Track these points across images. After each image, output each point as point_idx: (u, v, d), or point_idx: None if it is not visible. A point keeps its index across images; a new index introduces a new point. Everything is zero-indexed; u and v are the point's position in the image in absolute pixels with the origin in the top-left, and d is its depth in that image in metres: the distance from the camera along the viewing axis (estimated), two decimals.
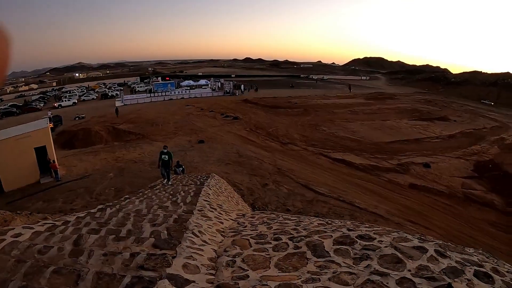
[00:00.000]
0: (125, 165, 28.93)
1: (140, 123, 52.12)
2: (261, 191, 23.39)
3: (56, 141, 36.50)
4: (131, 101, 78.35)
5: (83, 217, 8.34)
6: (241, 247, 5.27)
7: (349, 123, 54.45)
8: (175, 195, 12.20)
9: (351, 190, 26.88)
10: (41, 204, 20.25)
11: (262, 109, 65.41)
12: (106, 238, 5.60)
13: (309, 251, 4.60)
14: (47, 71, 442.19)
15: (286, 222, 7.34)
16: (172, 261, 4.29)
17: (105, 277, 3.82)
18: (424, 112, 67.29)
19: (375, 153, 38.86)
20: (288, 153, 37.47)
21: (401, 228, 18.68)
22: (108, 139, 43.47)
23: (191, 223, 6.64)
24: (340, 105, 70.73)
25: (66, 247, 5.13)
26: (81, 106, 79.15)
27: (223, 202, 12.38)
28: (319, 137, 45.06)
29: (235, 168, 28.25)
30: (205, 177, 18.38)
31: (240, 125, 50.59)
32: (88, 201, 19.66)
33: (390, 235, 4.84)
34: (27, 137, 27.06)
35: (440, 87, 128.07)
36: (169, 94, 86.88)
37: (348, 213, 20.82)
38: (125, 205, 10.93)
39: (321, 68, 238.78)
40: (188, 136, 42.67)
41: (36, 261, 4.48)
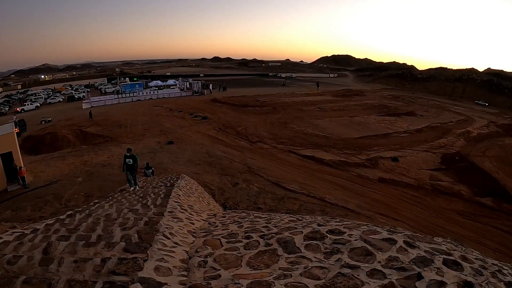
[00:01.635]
0: (94, 169, 28.57)
1: (108, 125, 51.49)
2: (232, 190, 23.45)
3: (22, 147, 35.88)
4: (98, 103, 77.28)
5: (52, 224, 8.23)
6: (212, 247, 5.29)
7: (317, 120, 54.96)
8: (145, 198, 12.14)
9: (322, 186, 27.14)
10: (9, 213, 19.84)
11: (231, 108, 65.48)
12: (76, 244, 5.54)
13: (280, 248, 4.65)
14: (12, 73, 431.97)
15: (257, 220, 7.38)
16: (143, 264, 4.29)
17: (76, 285, 3.82)
18: (391, 108, 68.50)
19: (344, 149, 39.36)
20: (257, 151, 37.60)
21: (372, 221, 19.00)
22: (76, 142, 42.87)
23: (162, 225, 6.62)
24: (308, 103, 71.31)
25: (35, 255, 5.06)
26: (47, 109, 77.57)
27: (194, 202, 12.37)
28: (288, 134, 45.34)
29: (205, 168, 28.24)
30: (175, 178, 18.30)
31: (209, 124, 50.53)
32: (57, 207, 19.37)
33: (359, 228, 4.94)
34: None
35: (407, 83, 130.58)
36: (137, 95, 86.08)
37: (319, 208, 21.05)
38: (94, 210, 10.82)
39: (290, 66, 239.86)
40: (157, 137, 42.41)
41: (6, 272, 4.43)
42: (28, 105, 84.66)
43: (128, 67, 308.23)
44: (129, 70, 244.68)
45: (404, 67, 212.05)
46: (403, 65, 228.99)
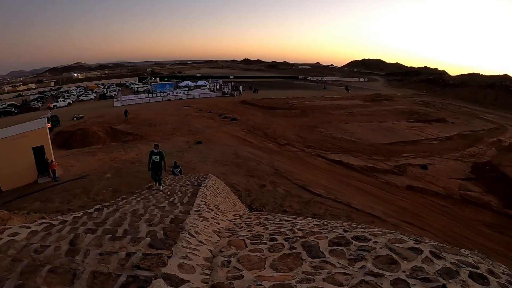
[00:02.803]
0: (122, 166, 28.90)
1: (138, 123, 52.10)
2: (258, 192, 23.37)
3: (54, 141, 36.60)
4: (129, 101, 78.35)
5: (80, 217, 8.36)
6: (236, 248, 5.29)
7: (346, 124, 54.50)
8: (172, 196, 12.18)
9: (348, 191, 26.87)
10: (38, 204, 20.23)
11: (260, 110, 65.45)
12: (102, 237, 5.61)
13: (304, 251, 4.62)
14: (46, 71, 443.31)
15: (282, 223, 7.34)
16: (167, 261, 4.30)
17: (100, 276, 3.85)
18: (421, 114, 67.37)
19: (372, 154, 38.91)
20: (285, 154, 37.47)
21: (397, 229, 18.69)
22: (106, 139, 43.49)
23: (188, 223, 6.66)
24: (337, 107, 70.83)
25: (62, 246, 5.14)
26: (79, 106, 79.29)
27: (220, 203, 12.38)
28: (317, 138, 45.07)
29: (233, 169, 28.24)
30: (203, 177, 18.30)
31: (238, 126, 50.58)
32: (85, 201, 19.64)
33: (385, 236, 4.86)
34: (25, 137, 27.04)
35: (438, 89, 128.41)
36: (167, 94, 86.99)
37: (344, 214, 20.81)
38: (122, 205, 10.93)
39: (320, 70, 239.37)
40: (185, 137, 42.69)
41: (33, 260, 4.51)
42: (60, 101, 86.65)
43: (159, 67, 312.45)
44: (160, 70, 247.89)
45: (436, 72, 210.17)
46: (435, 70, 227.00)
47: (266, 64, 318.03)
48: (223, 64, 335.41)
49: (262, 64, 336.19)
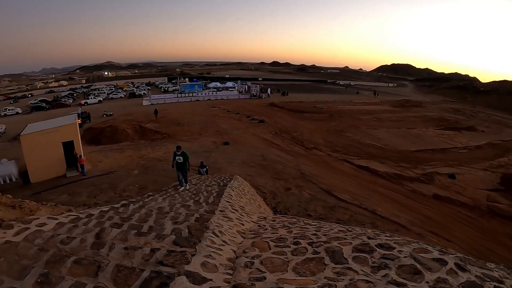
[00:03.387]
0: (150, 163, 29.20)
1: (166, 122, 52.61)
2: (283, 195, 23.35)
3: (83, 137, 37.19)
4: (158, 100, 79.20)
5: (106, 211, 8.50)
6: (260, 249, 5.27)
7: (374, 130, 53.89)
8: (197, 195, 12.27)
9: (373, 198, 26.60)
10: (66, 197, 20.65)
11: (288, 113, 65.32)
12: (128, 232, 5.68)
13: (327, 256, 4.57)
14: (77, 69, 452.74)
15: (306, 227, 7.31)
16: (191, 258, 4.31)
17: (124, 270, 3.87)
18: (451, 121, 66.08)
19: (399, 161, 38.41)
20: (312, 158, 37.31)
21: (422, 239, 18.42)
22: (134, 137, 44.02)
23: (212, 223, 6.68)
24: (365, 112, 70.14)
25: (88, 239, 5.22)
26: (109, 104, 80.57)
27: (245, 204, 12.39)
28: (344, 143, 44.75)
29: (259, 171, 28.27)
30: (229, 178, 18.37)
31: (265, 128, 50.58)
32: (111, 196, 19.94)
33: (410, 245, 4.79)
34: (56, 132, 27.71)
35: (468, 96, 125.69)
36: (196, 95, 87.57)
37: (369, 221, 20.63)
38: (148, 202, 11.06)
39: (348, 74, 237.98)
40: (213, 137, 42.90)
41: (58, 251, 4.57)
42: (91, 98, 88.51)
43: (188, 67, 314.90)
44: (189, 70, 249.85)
45: (466, 78, 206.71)
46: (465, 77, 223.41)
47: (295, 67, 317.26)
48: (251, 66, 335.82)
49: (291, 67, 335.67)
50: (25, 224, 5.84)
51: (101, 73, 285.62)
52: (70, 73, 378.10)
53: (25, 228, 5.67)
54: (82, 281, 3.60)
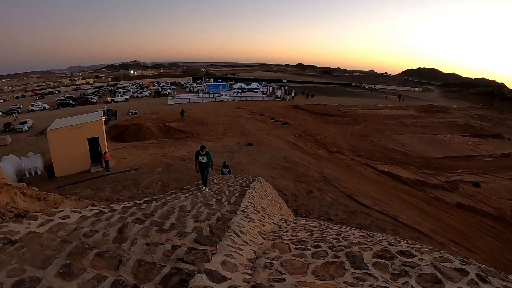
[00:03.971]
0: (173, 162, 29.43)
1: (190, 122, 53.03)
2: (305, 198, 23.29)
3: (108, 134, 37.69)
4: (183, 100, 79.86)
5: (129, 207, 8.59)
6: (280, 251, 5.26)
7: (398, 135, 53.27)
8: (220, 195, 12.29)
9: (396, 204, 26.34)
10: (89, 192, 20.97)
11: (312, 115, 65.14)
12: (150, 228, 5.73)
13: (347, 261, 4.54)
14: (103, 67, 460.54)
15: (327, 230, 7.28)
16: (211, 257, 4.32)
17: (145, 265, 3.90)
18: (477, 128, 64.83)
19: (423, 167, 37.93)
20: (335, 161, 37.12)
21: (444, 248, 18.19)
22: (158, 135, 44.53)
23: (234, 222, 6.70)
24: (390, 116, 69.40)
25: (110, 233, 5.28)
26: (134, 102, 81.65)
27: (266, 205, 12.37)
28: (367, 147, 44.40)
29: (281, 173, 28.25)
30: (251, 179, 18.37)
31: (289, 130, 50.51)
32: (134, 192, 20.15)
33: (431, 253, 4.73)
34: (81, 128, 28.28)
35: (495, 102, 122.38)
36: (221, 95, 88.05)
37: (390, 227, 20.43)
38: (170, 199, 11.14)
39: (373, 77, 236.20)
40: (237, 138, 43.04)
41: (81, 243, 4.62)
42: (118, 96, 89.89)
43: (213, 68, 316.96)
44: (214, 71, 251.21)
45: (493, 84, 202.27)
46: (492, 82, 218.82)
47: (320, 70, 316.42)
48: (276, 68, 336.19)
49: (316, 69, 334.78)
50: (49, 216, 5.94)
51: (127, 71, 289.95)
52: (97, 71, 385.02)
53: (49, 220, 5.77)
54: (103, 273, 3.63)
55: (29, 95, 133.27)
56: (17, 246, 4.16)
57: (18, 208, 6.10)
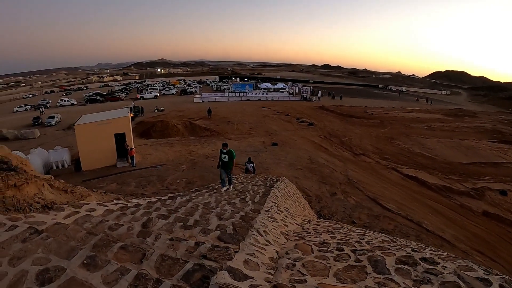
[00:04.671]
0: (198, 159, 29.59)
1: (216, 120, 53.32)
2: (329, 199, 23.15)
3: (135, 130, 38.13)
4: (209, 98, 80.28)
5: (154, 203, 8.70)
6: (303, 252, 5.24)
7: (425, 139, 52.39)
8: (244, 193, 12.31)
9: (420, 210, 25.95)
10: (114, 186, 21.24)
11: (337, 117, 64.70)
12: (174, 224, 5.80)
13: (370, 265, 4.51)
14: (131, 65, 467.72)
15: (350, 233, 7.26)
16: (234, 255, 4.34)
17: (168, 260, 3.93)
18: (505, 134, 63.06)
19: (449, 173, 37.31)
20: (360, 164, 36.82)
21: (467, 257, 17.88)
22: (184, 133, 44.77)
23: (257, 222, 6.72)
24: (417, 120, 68.35)
25: (135, 227, 5.36)
26: (161, 100, 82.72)
27: (290, 206, 12.36)
28: (393, 151, 43.90)
29: (306, 174, 28.15)
30: (275, 179, 18.38)
31: (314, 131, 50.28)
32: (158, 188, 20.32)
33: (455, 262, 4.67)
34: (109, 124, 28.79)
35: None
36: (247, 95, 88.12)
37: (414, 233, 20.15)
38: (195, 196, 11.24)
39: (400, 79, 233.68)
40: (262, 137, 43.04)
41: (106, 236, 4.70)
42: (148, 94, 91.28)
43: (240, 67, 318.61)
44: (241, 70, 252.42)
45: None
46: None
47: (346, 71, 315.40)
48: (302, 68, 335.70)
49: (342, 70, 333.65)
50: (75, 208, 6.06)
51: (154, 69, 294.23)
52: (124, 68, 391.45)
53: (75, 212, 5.88)
54: (126, 266, 3.67)
55: (57, 91, 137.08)
56: (43, 236, 4.24)
57: (45, 200, 6.22)
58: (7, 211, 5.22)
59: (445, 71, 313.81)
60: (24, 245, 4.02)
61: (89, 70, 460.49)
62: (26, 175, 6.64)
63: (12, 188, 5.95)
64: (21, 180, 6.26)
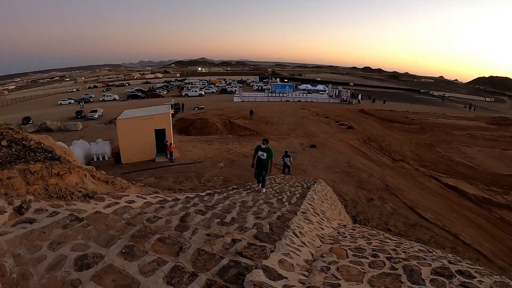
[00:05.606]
0: (236, 158, 29.74)
1: (255, 120, 53.54)
2: (365, 205, 22.91)
3: (174, 126, 38.67)
4: (248, 98, 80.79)
5: (192, 198, 8.84)
6: (338, 256, 5.21)
7: (466, 147, 50.91)
8: (281, 194, 12.30)
9: (458, 221, 25.30)
10: (153, 180, 21.59)
11: (377, 121, 63.89)
12: (211, 220, 5.87)
13: (404, 274, 4.43)
14: (172, 63, 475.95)
15: (386, 241, 7.22)
16: (269, 254, 4.36)
17: (204, 255, 3.97)
18: None
19: (490, 184, 36.23)
20: (398, 170, 36.24)
21: (505, 273, 17.42)
22: (223, 131, 45.19)
23: (293, 223, 6.73)
24: (458, 127, 66.56)
25: (173, 221, 5.45)
26: (201, 98, 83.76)
27: (326, 209, 12.30)
28: (433, 158, 42.98)
29: (343, 177, 27.95)
30: (312, 181, 18.34)
31: (353, 135, 49.84)
32: (196, 184, 20.50)
33: (492, 277, 4.54)
34: (150, 119, 29.43)
35: None
36: (286, 95, 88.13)
37: (450, 245, 19.70)
38: (232, 194, 11.30)
39: (443, 84, 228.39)
40: (300, 139, 42.93)
41: (144, 227, 4.81)
42: (192, 91, 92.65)
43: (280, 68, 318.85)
44: (281, 71, 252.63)
45: None
46: None
47: (387, 74, 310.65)
48: (343, 71, 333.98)
49: (383, 73, 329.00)
50: (115, 199, 6.21)
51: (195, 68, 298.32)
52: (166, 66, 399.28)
53: (115, 202, 6.03)
54: (163, 258, 3.73)
55: (100, 86, 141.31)
56: (84, 223, 4.35)
57: (86, 189, 6.36)
58: (50, 198, 5.38)
59: (489, 76, 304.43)
60: (64, 231, 4.15)
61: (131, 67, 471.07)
62: (69, 164, 6.79)
63: (55, 176, 6.09)
64: (64, 169, 6.40)
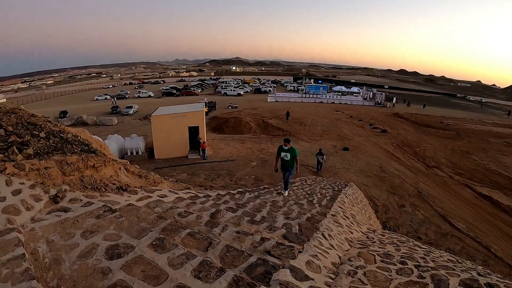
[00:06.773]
0: (268, 158, 29.71)
1: (289, 120, 53.30)
2: (396, 211, 22.61)
3: (208, 124, 39.05)
4: (282, 98, 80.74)
5: (223, 195, 8.92)
6: (365, 261, 5.19)
7: (503, 156, 49.69)
8: (311, 196, 12.27)
9: (491, 233, 24.68)
10: (185, 176, 21.85)
11: (412, 126, 62.79)
12: (241, 218, 5.94)
13: (432, 284, 4.37)
14: (207, 62, 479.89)
15: (415, 248, 7.14)
16: (297, 255, 4.38)
17: (233, 251, 4.02)
18: None
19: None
20: (432, 177, 35.56)
21: None
22: (256, 130, 45.19)
23: (323, 225, 6.73)
24: (496, 134, 64.59)
25: (203, 216, 5.53)
26: (235, 97, 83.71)
27: (356, 213, 12.22)
28: (468, 166, 42.03)
29: (375, 182, 27.66)
30: (344, 184, 18.26)
31: (387, 139, 49.16)
32: (227, 182, 20.65)
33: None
34: (184, 116, 29.87)
35: None
36: (320, 97, 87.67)
37: (481, 257, 19.25)
38: (263, 193, 11.35)
39: (480, 89, 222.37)
40: (333, 141, 42.66)
41: (175, 221, 4.90)
42: (231, 90, 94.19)
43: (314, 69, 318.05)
44: (315, 72, 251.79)
45: None
46: None
47: (423, 77, 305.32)
48: (378, 73, 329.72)
49: (419, 76, 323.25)
50: (148, 193, 6.34)
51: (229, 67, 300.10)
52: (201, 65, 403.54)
53: (147, 196, 6.17)
54: (192, 252, 3.80)
55: (136, 83, 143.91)
56: (116, 215, 4.47)
57: (120, 182, 6.52)
58: (84, 188, 5.55)
59: None
60: (97, 221, 4.29)
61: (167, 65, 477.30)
62: (104, 157, 6.97)
63: (90, 168, 6.27)
64: (99, 162, 6.57)
